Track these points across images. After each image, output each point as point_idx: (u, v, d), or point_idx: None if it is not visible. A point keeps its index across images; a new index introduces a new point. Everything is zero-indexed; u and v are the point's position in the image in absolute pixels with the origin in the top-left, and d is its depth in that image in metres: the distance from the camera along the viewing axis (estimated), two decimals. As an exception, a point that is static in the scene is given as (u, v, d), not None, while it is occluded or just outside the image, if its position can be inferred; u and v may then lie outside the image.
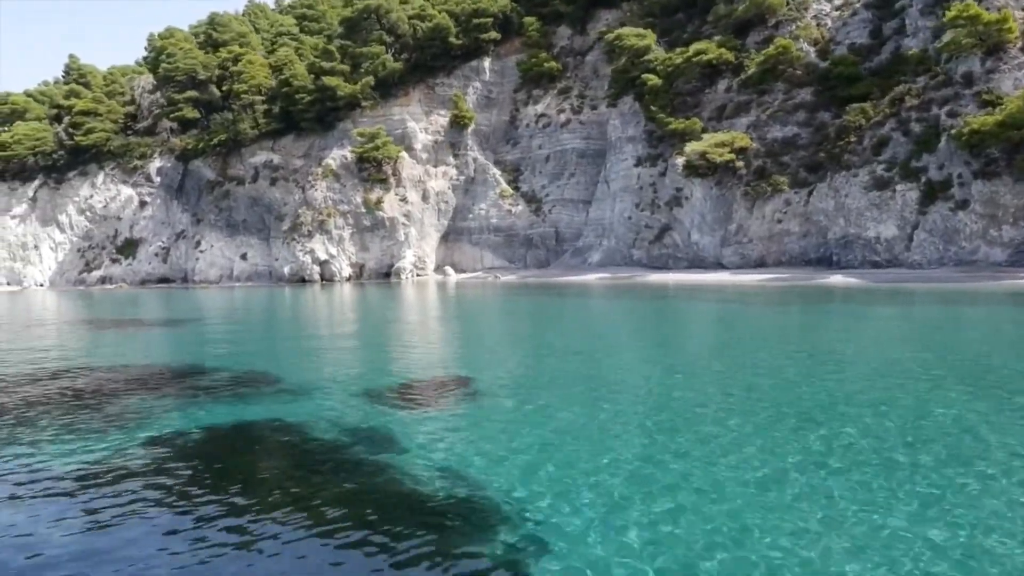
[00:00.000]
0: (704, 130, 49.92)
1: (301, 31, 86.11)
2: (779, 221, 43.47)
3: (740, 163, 45.44)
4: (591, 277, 49.93)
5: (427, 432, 9.05)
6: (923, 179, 37.07)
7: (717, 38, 51.55)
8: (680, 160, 49.71)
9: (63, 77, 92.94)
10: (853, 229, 38.92)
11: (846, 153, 39.85)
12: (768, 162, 45.01)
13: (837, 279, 35.99)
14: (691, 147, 47.33)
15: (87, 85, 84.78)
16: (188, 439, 9.17)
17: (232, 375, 13.85)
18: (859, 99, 42.09)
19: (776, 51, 47.10)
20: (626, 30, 55.77)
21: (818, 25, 49.50)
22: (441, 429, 9.24)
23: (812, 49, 47.86)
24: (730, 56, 50.04)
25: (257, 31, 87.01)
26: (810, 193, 42.45)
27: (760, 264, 44.10)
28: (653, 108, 51.44)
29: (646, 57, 54.68)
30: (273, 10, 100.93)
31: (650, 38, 55.15)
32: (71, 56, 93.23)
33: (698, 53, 50.52)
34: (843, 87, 43.90)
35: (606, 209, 56.94)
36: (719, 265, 46.36)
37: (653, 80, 52.29)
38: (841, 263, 39.45)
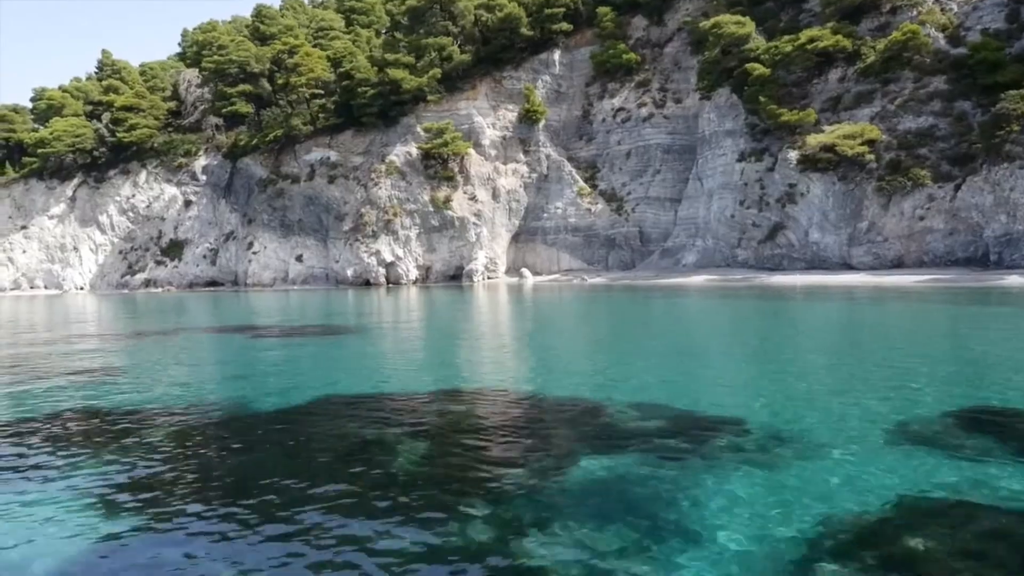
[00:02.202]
0: (817, 122, 46.79)
1: (348, 24, 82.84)
2: (920, 218, 40.22)
3: (871, 156, 42.20)
4: (697, 279, 46.60)
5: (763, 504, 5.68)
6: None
7: (830, 25, 48.34)
8: (793, 154, 46.51)
9: (96, 72, 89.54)
10: (1021, 225, 35.67)
11: (1007, 143, 36.61)
12: (903, 155, 41.78)
13: (1014, 280, 32.73)
14: (814, 139, 44.13)
15: (123, 81, 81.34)
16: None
17: (643, 413, 10.40)
18: (1006, 87, 38.87)
19: (903, 37, 43.95)
20: (724, 17, 52.59)
21: (942, 10, 46.40)
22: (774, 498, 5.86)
23: (940, 35, 44.72)
24: (847, 43, 46.86)
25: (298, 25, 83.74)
26: (957, 187, 39.21)
27: (898, 264, 40.85)
28: (762, 99, 48.16)
29: (746, 46, 51.51)
30: (309, 5, 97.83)
31: (750, 26, 52.00)
32: (104, 51, 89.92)
33: (811, 40, 47.34)
34: (984, 74, 40.73)
35: (699, 207, 53.66)
36: (845, 266, 43.09)
37: (759, 70, 49.09)
38: (1005, 262, 36.19)
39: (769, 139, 49.29)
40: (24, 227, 75.05)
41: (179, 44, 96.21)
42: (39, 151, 73.03)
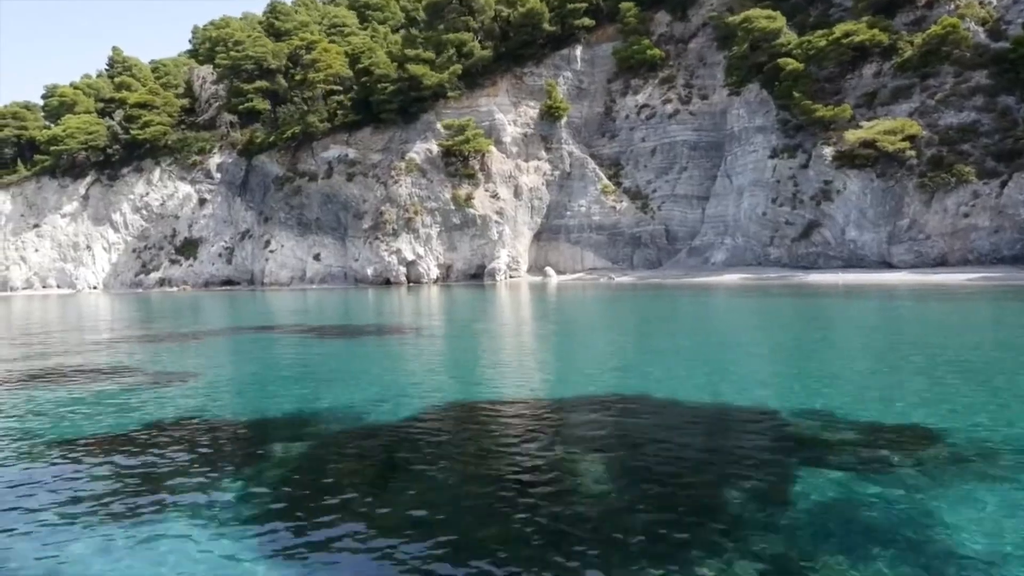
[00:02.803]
0: (852, 118, 45.93)
1: (362, 21, 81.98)
2: (965, 215, 39.36)
3: (912, 152, 41.34)
4: (731, 278, 45.72)
5: None
6: None
7: (865, 19, 47.47)
8: (828, 150, 45.67)
9: (107, 70, 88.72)
10: (1072, 223, 34.86)
11: (1058, 139, 35.78)
12: (944, 151, 40.93)
13: (1070, 278, 31.87)
14: (853, 135, 43.26)
15: (135, 78, 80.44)
16: None
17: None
18: (1052, 81, 38.06)
19: (943, 31, 43.10)
20: (754, 12, 51.72)
21: (981, 4, 45.55)
22: None
23: (980, 29, 43.87)
24: (883, 37, 46.00)
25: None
26: (1003, 184, 38.36)
27: (941, 263, 39.98)
28: (796, 95, 47.29)
29: (777, 41, 50.66)
30: (321, 2, 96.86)
31: (780, 20, 51.17)
32: (115, 48, 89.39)
33: (846, 35, 46.47)
34: (1029, 68, 39.89)
35: (728, 205, 52.80)
36: (884, 264, 42.22)
37: (793, 65, 48.22)
38: (1055, 261, 35.36)
39: (802, 135, 48.42)
40: (36, 225, 74.15)
41: (190, 41, 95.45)
42: (52, 148, 72.11)
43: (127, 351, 19.23)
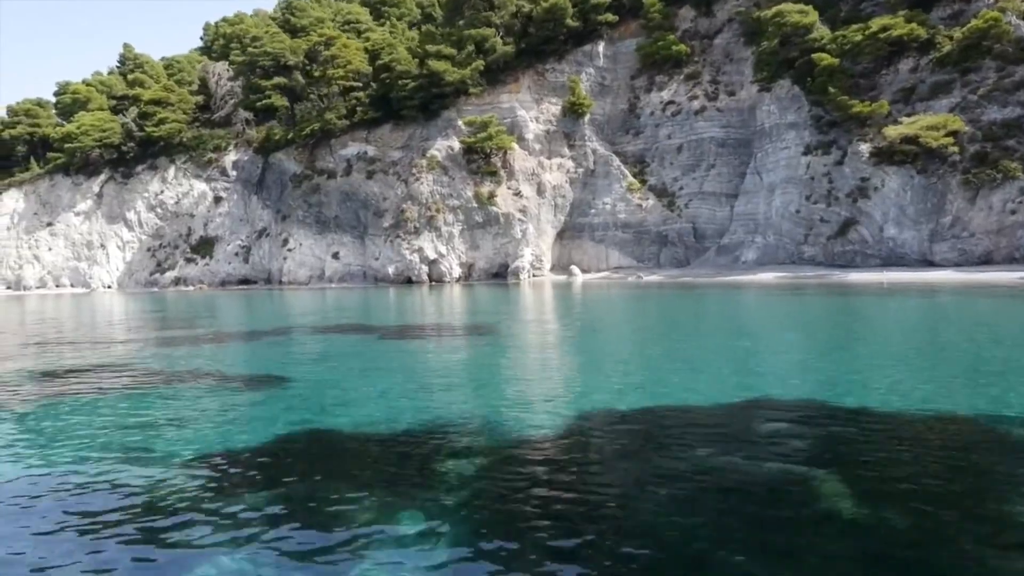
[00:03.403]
0: (888, 114, 45.13)
1: (377, 17, 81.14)
2: (1012, 212, 38.57)
3: (954, 148, 40.54)
4: (766, 276, 44.88)
5: None
6: None
7: (902, 13, 46.66)
8: (865, 146, 44.91)
9: (118, 67, 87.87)
10: None
11: (1110, 134, 34.97)
12: (989, 147, 40.14)
13: None
14: (893, 131, 42.45)
15: (147, 75, 79.57)
16: None
17: None
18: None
19: (984, 25, 42.28)
20: (786, 6, 50.87)
21: (1021, -3, 44.72)
22: None
23: (1022, 23, 43.05)
24: (921, 32, 45.20)
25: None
26: (1052, 180, 37.56)
27: (986, 261, 39.18)
28: (832, 90, 46.47)
29: (810, 36, 49.85)
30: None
31: (813, 15, 50.33)
32: (126, 45, 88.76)
33: (883, 29, 45.67)
34: (1074, 63, 39.10)
35: (759, 202, 51.99)
36: (925, 262, 41.41)
37: (827, 60, 47.40)
38: (1109, 259, 34.55)
39: (836, 131, 47.62)
40: (50, 224, 73.25)
41: (201, 38, 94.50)
42: (66, 146, 71.18)
43: (214, 354, 18.40)
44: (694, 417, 9.03)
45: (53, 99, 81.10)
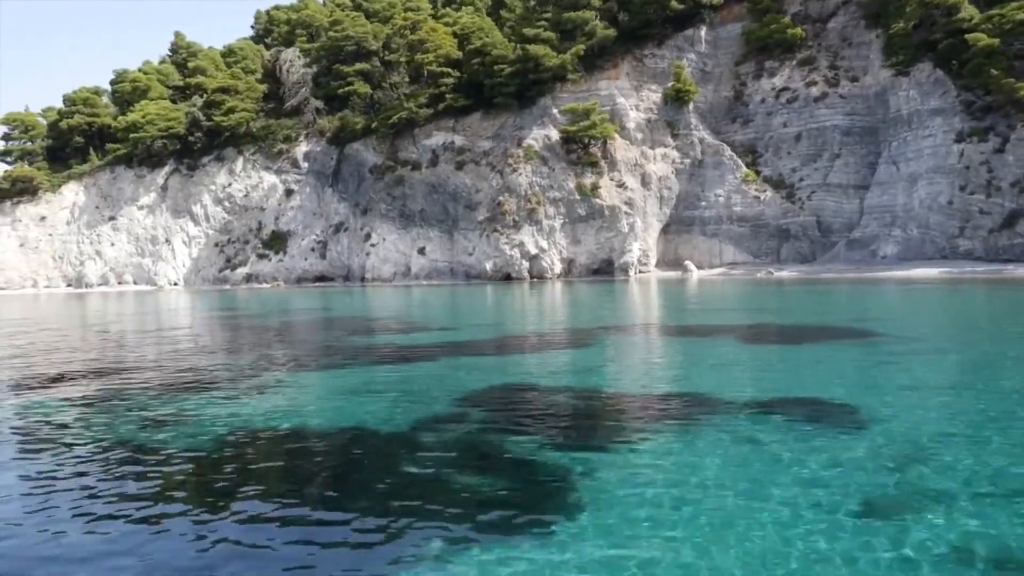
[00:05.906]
0: (1055, 98, 42.16)
1: (448, 3, 77.68)
2: None
3: None
4: (931, 272, 41.74)
5: None
6: None
7: (1070, -11, 43.70)
8: (1033, 133, 41.88)
9: (170, 56, 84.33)
10: None
11: None
12: None
13: None
14: (1079, 114, 39.42)
15: (205, 63, 76.03)
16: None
17: None
18: None
19: None
20: (930, -15, 47.82)
21: None
22: None
23: None
24: (1095, 8, 42.25)
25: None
26: None
27: None
28: (994, 72, 43.45)
29: (958, 16, 46.80)
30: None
31: (960, -7, 47.29)
32: (177, 33, 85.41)
33: (1050, 7, 42.69)
34: None
35: (897, 193, 48.92)
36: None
37: (985, 40, 44.35)
38: None
39: (993, 117, 44.63)
40: (112, 218, 69.76)
41: (252, 27, 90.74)
42: (130, 136, 67.64)
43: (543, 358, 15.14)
44: None
45: (109, 88, 77.47)
